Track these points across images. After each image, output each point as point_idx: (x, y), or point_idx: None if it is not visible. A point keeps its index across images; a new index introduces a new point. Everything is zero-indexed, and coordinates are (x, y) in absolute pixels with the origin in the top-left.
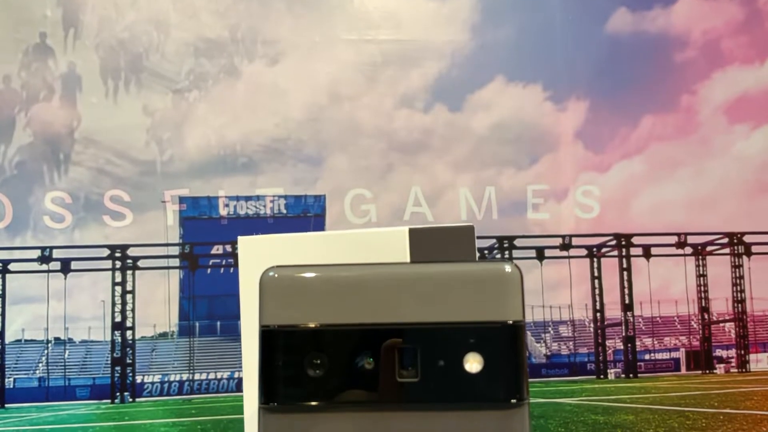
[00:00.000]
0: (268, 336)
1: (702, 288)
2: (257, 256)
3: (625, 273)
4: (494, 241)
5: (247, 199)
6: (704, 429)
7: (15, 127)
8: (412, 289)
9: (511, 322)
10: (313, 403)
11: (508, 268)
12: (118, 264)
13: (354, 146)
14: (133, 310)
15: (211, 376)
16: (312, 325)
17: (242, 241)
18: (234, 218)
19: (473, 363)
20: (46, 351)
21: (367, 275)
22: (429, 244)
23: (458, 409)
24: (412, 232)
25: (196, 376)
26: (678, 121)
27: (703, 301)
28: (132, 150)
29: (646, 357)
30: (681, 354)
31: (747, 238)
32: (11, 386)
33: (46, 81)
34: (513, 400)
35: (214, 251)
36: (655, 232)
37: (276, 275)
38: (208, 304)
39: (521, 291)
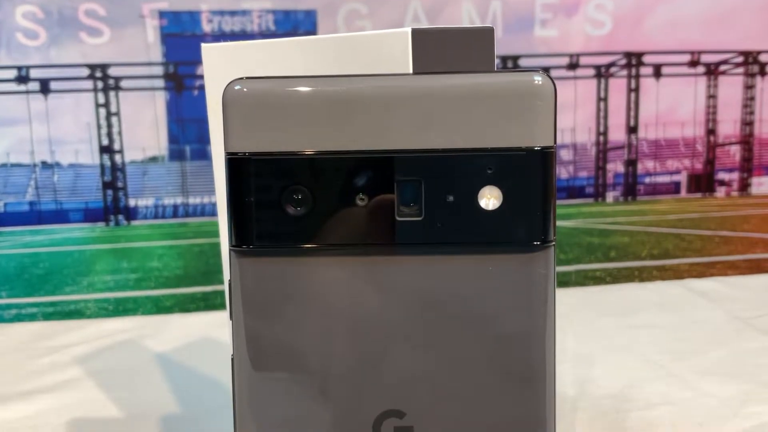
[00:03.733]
0: (237, 165)
1: (711, 109)
2: (226, 67)
3: (632, 94)
4: (498, 61)
5: (233, 14)
6: (699, 251)
7: None
8: (414, 106)
9: (538, 147)
10: (294, 246)
11: (537, 78)
12: (100, 84)
13: None
14: (120, 134)
15: (206, 200)
16: (290, 152)
17: (207, 49)
18: (219, 35)
19: (490, 198)
20: (34, 175)
21: (358, 89)
22: (437, 50)
23: (470, 253)
24: (416, 34)
25: (190, 200)
26: None
27: (710, 123)
28: None
29: (647, 180)
30: (682, 177)
31: (763, 57)
32: (2, 210)
33: None
34: (536, 242)
35: (200, 72)
36: (668, 50)
37: (244, 89)
38: (197, 128)
39: (554, 109)
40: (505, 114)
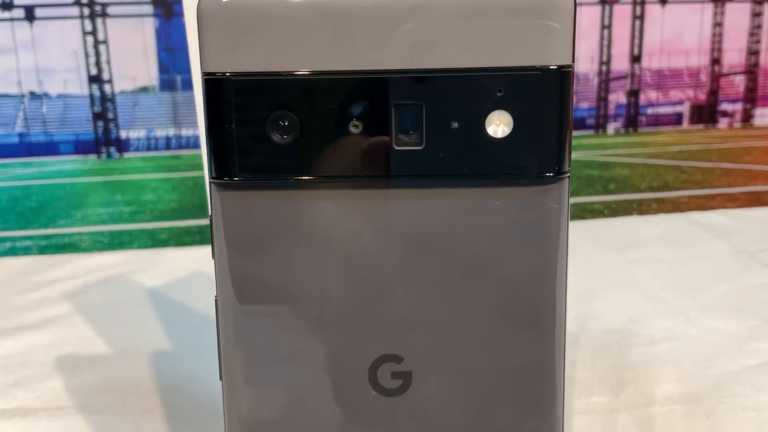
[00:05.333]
0: (215, 87)
1: (716, 38)
2: None
3: (637, 21)
4: None
5: None
6: (699, 183)
7: None
8: (415, 20)
9: (555, 66)
10: (280, 178)
11: None
12: (86, 11)
13: None
14: (108, 62)
15: (198, 131)
16: (275, 72)
17: None
18: None
19: (499, 124)
20: (22, 106)
21: (351, 1)
22: None
23: (475, 185)
24: None
25: (183, 132)
26: None
27: (715, 52)
28: None
29: (649, 111)
30: (685, 107)
31: None
32: None
33: None
34: (550, 174)
35: None
36: None
37: None
38: (188, 57)
39: (573, 22)
40: (518, 28)
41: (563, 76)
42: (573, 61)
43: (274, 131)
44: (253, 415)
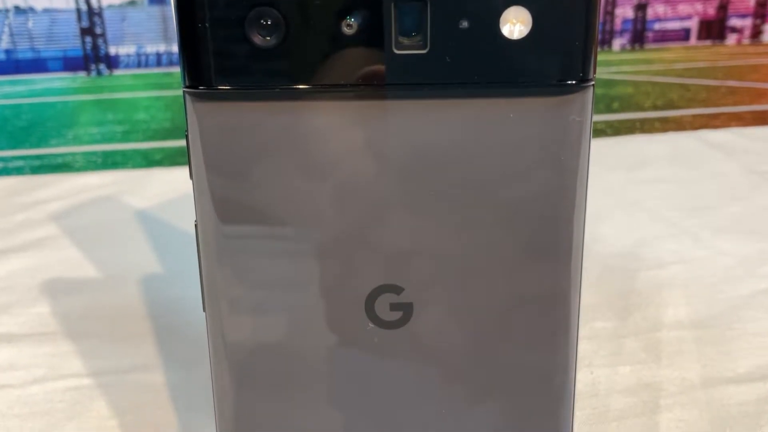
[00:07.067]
0: None
1: None
2: None
3: None
4: None
5: None
6: (704, 101)
7: None
8: None
9: None
10: (263, 87)
11: None
12: None
13: None
14: None
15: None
16: None
17: None
18: None
19: (516, 23)
20: (7, 21)
21: None
22: None
23: (487, 96)
24: None
25: (174, 48)
26: None
27: None
28: None
29: (656, 27)
30: (693, 23)
31: None
32: None
33: None
34: (572, 81)
35: None
36: None
37: None
38: None
39: None
40: None
41: None
42: None
43: (255, 32)
44: (237, 345)
